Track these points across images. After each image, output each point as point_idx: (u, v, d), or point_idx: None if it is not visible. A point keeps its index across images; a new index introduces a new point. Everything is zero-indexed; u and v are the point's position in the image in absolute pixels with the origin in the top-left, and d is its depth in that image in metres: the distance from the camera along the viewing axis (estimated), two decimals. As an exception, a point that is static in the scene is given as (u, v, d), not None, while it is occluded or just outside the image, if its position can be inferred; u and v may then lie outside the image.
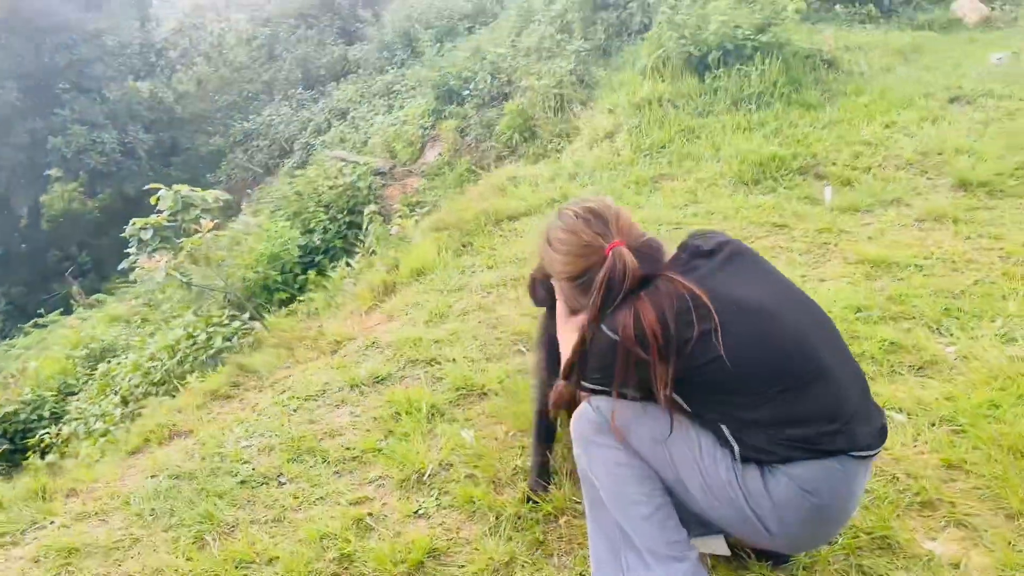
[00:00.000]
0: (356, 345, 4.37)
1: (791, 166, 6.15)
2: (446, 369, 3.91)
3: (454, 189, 9.85)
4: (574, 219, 2.24)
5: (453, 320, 4.45)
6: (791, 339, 2.14)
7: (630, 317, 2.11)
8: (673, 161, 6.67)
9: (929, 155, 6.23)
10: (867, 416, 2.18)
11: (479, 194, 6.71)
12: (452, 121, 10.82)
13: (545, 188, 6.62)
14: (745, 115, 7.19)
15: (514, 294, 4.64)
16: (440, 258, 5.28)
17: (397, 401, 3.65)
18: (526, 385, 3.66)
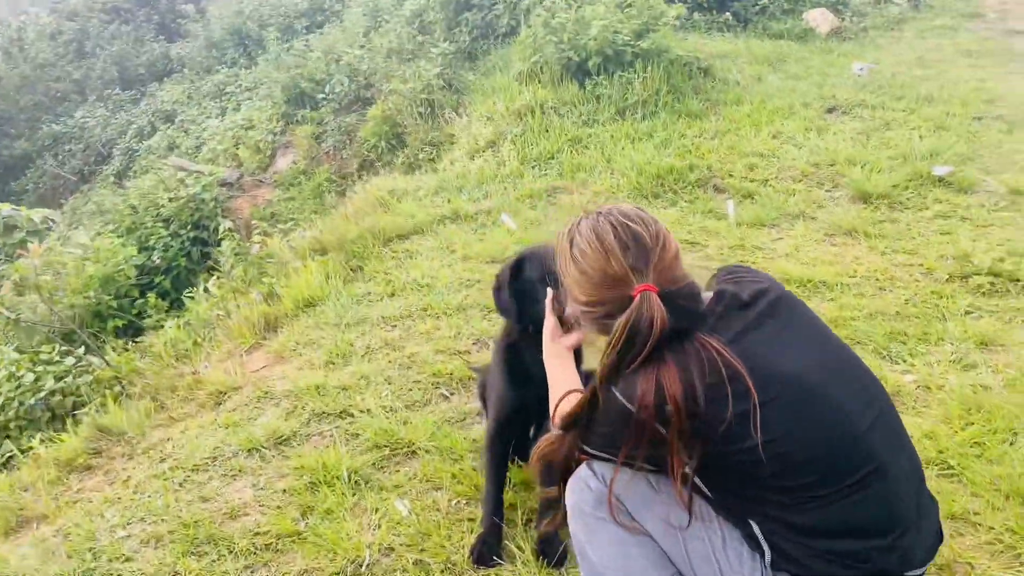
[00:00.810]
0: (244, 396, 3.76)
1: (689, 178, 5.97)
2: (361, 423, 3.39)
3: (314, 200, 9.20)
4: (611, 238, 1.82)
5: (358, 361, 3.92)
6: (843, 427, 1.77)
7: (651, 384, 1.72)
8: (564, 172, 6.36)
9: (821, 166, 6.23)
10: (922, 522, 1.84)
11: (357, 209, 6.15)
12: (307, 127, 10.11)
13: (432, 203, 6.15)
14: (632, 124, 6.99)
15: (423, 327, 4.16)
16: (329, 286, 4.71)
17: (309, 467, 3.10)
18: (459, 439, 3.21)
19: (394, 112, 8.71)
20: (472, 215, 5.71)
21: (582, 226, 1.90)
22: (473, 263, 4.89)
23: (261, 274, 5.88)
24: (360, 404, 3.53)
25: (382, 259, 5.12)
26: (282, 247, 6.14)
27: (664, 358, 1.74)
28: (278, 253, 6.05)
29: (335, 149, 9.78)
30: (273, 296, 4.91)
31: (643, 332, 1.74)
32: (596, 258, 1.82)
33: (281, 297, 4.75)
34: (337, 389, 3.65)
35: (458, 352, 3.92)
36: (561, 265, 1.92)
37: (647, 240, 1.80)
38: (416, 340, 4.06)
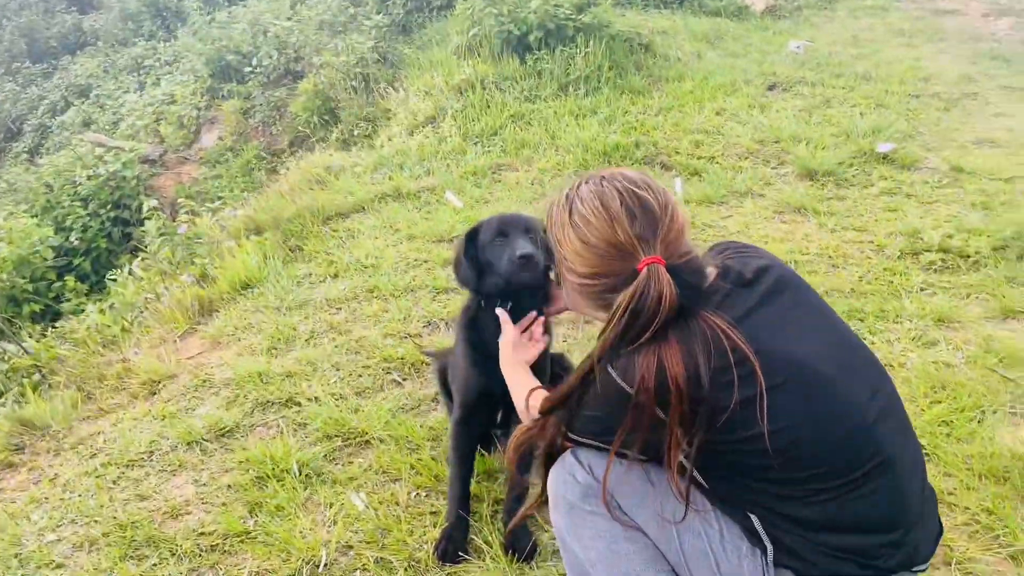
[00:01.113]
0: (180, 384, 3.53)
1: (635, 156, 5.89)
2: (309, 412, 3.20)
3: (243, 178, 8.85)
4: (618, 204, 1.66)
5: (302, 346, 3.72)
6: (852, 417, 1.65)
7: (652, 364, 1.58)
8: (508, 149, 6.21)
9: (766, 143, 6.22)
10: (926, 515, 1.75)
11: (293, 187, 5.91)
12: (234, 101, 9.72)
13: (371, 179, 5.94)
14: (575, 100, 6.88)
15: (370, 309, 3.98)
16: (267, 267, 4.48)
17: (255, 461, 2.91)
18: (415, 428, 3.06)
19: (327, 86, 8.42)
20: (415, 193, 5.53)
21: (583, 191, 1.73)
22: (419, 242, 4.72)
23: (191, 255, 5.61)
24: (307, 392, 3.34)
25: (322, 238, 4.90)
26: (212, 227, 5.87)
27: (667, 337, 1.60)
28: (208, 233, 5.78)
29: (264, 124, 9.43)
30: (206, 278, 4.67)
31: (649, 308, 1.60)
32: (600, 226, 1.67)
33: (215, 279, 4.51)
34: (281, 376, 3.46)
35: (408, 335, 3.76)
36: (557, 234, 1.75)
37: (656, 209, 1.66)
38: (363, 323, 3.88)
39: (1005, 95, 7.63)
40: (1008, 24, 10.89)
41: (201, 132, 10.00)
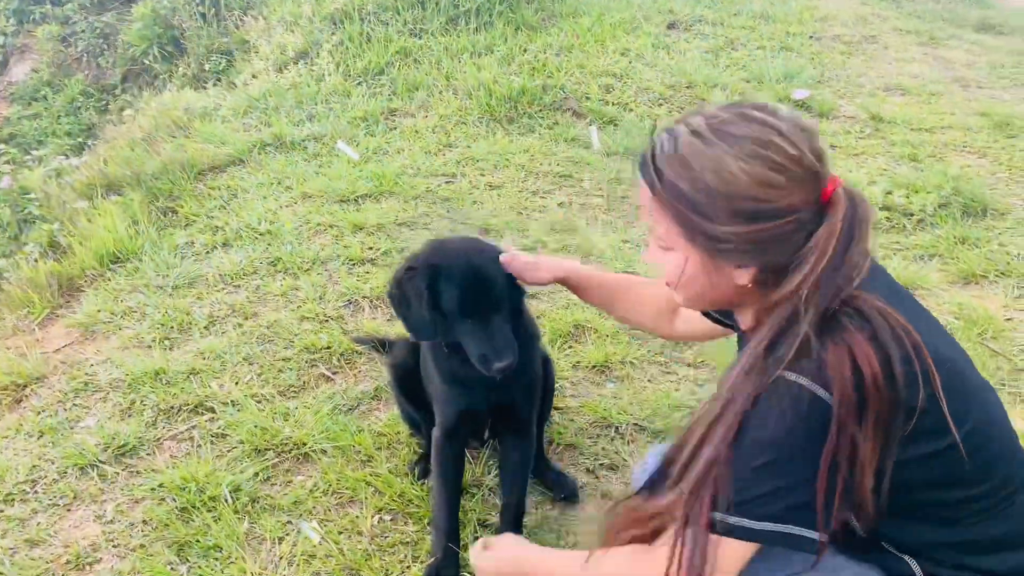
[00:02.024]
0: (55, 388, 3.02)
1: (544, 101, 5.61)
2: (227, 419, 2.80)
3: (68, 119, 7.97)
4: (792, 125, 1.38)
5: (201, 335, 3.28)
6: (1003, 422, 1.49)
7: (844, 360, 1.30)
8: (399, 92, 5.79)
9: (678, 88, 6.09)
10: None
11: (149, 134, 5.28)
12: (50, 27, 8.69)
13: (243, 125, 5.39)
14: (467, 36, 6.49)
15: (277, 287, 3.56)
16: (140, 236, 3.94)
17: (172, 487, 2.50)
18: (362, 434, 2.73)
19: (169, 12, 7.64)
20: (300, 142, 5.05)
21: (716, 119, 1.41)
22: (318, 202, 4.29)
23: (25, 215, 4.94)
24: (220, 394, 2.92)
25: (199, 198, 4.37)
26: (47, 181, 5.18)
27: (841, 323, 1.33)
28: (42, 188, 5.10)
29: (89, 55, 8.49)
30: (57, 248, 4.08)
31: (861, 247, 1.35)
32: (780, 146, 1.36)
33: (72, 249, 3.93)
34: (184, 374, 3.01)
35: (329, 318, 3.38)
36: (699, 172, 1.40)
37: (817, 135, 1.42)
38: (272, 304, 3.47)
39: (900, 38, 7.83)
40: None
41: (9, 63, 8.92)
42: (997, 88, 6.78)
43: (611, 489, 2.61)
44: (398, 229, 4.08)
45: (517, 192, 4.55)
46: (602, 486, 2.62)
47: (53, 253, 4.01)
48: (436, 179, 4.64)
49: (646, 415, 2.88)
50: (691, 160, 1.40)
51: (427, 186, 4.52)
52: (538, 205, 4.43)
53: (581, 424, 2.87)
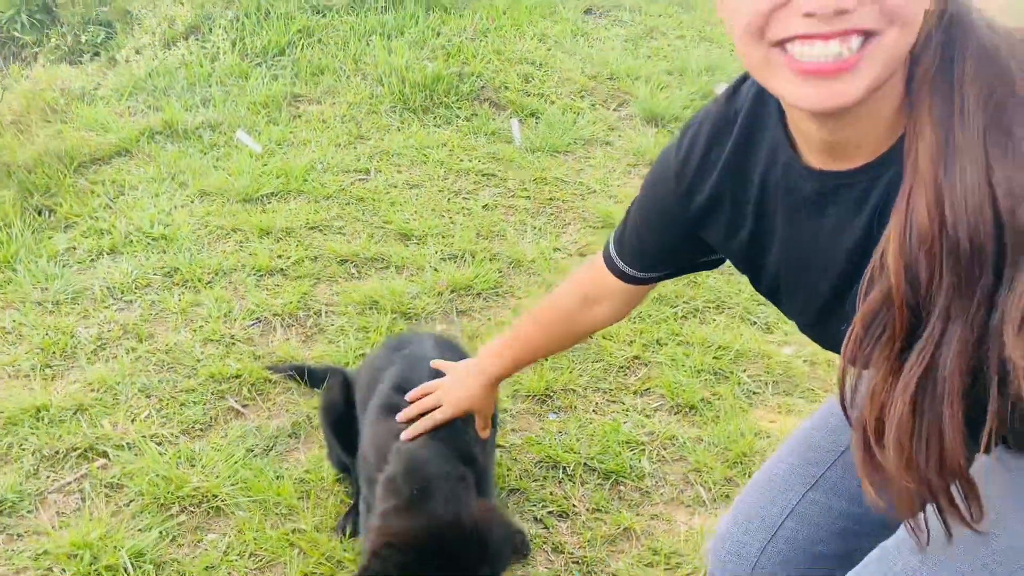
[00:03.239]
0: (-89, 430, 2.66)
1: (461, 90, 5.37)
2: (123, 466, 2.51)
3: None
4: None
5: (88, 361, 2.94)
6: None
7: None
8: (303, 75, 5.45)
9: (600, 79, 5.95)
10: None
11: (19, 117, 4.82)
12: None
13: (128, 109, 4.97)
14: (375, 16, 6.18)
15: (175, 302, 3.24)
16: (12, 240, 3.53)
17: (60, 554, 2.20)
18: (282, 482, 2.49)
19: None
20: (194, 130, 4.67)
21: None
22: (217, 202, 3.97)
23: None
24: (113, 435, 2.62)
25: (80, 196, 3.97)
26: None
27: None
28: None
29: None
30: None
31: None
32: None
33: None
34: (69, 411, 2.69)
35: (236, 340, 3.09)
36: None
37: None
38: (169, 324, 3.15)
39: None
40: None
41: None
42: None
43: (563, 541, 2.44)
44: (310, 234, 3.80)
45: (438, 192, 4.31)
46: (553, 537, 2.45)
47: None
48: (348, 176, 4.36)
49: (595, 453, 2.73)
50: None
51: (339, 184, 4.24)
52: (461, 207, 4.21)
53: (525, 465, 2.69)
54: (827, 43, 0.99)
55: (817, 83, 1.02)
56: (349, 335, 3.17)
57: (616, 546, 2.45)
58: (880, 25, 1.00)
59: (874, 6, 0.98)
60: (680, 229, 1.47)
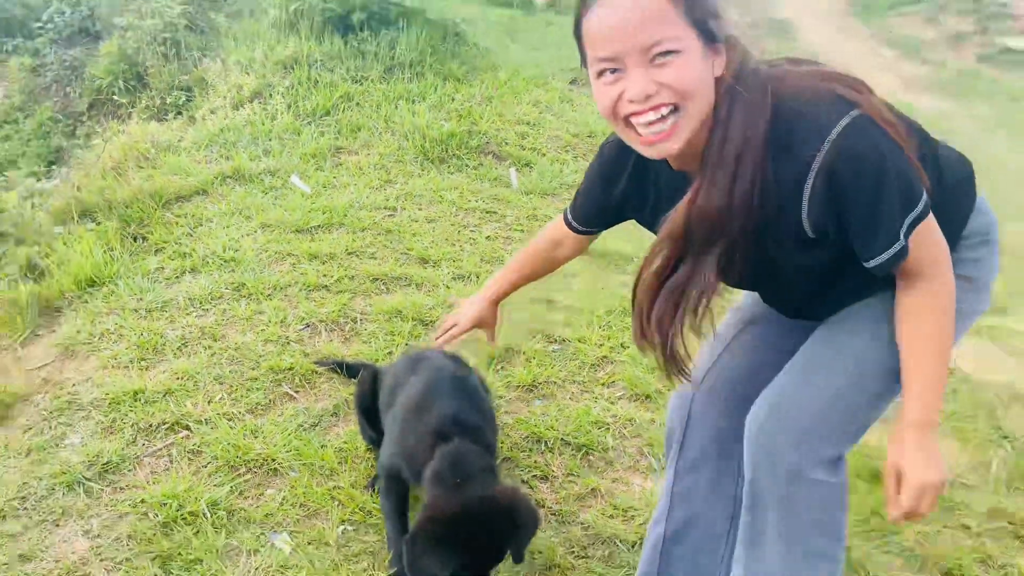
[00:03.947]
0: (39, 407, 2.80)
1: (470, 144, 5.54)
2: (201, 437, 2.65)
3: (38, 142, 7.47)
4: None
5: (173, 355, 3.09)
6: None
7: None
8: (343, 132, 5.62)
9: (581, 137, 6.13)
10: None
11: (118, 164, 4.98)
12: (23, 58, 8.14)
13: (205, 157, 5.14)
14: (402, 84, 6.36)
15: (242, 311, 3.39)
16: (115, 261, 3.70)
17: (154, 502, 2.35)
18: (326, 451, 2.62)
19: (133, 50, 7.25)
20: (257, 175, 4.84)
21: None
22: (276, 232, 4.12)
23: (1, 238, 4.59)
24: (193, 412, 2.76)
25: (167, 226, 4.14)
26: (23, 203, 4.83)
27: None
28: (16, 209, 4.74)
29: (58, 84, 7.99)
30: (35, 270, 3.80)
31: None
32: None
33: (51, 272, 3.67)
34: (160, 394, 2.83)
35: (290, 340, 3.24)
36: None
37: None
38: (238, 327, 3.30)
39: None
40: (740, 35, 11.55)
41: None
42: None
43: (543, 498, 2.58)
44: (348, 258, 3.95)
45: (450, 226, 4.47)
46: (535, 495, 2.58)
47: (31, 275, 3.73)
48: (379, 212, 4.51)
49: (570, 431, 2.86)
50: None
51: (372, 219, 4.39)
52: (468, 238, 4.36)
53: (515, 439, 2.82)
54: (646, 114, 1.38)
55: (653, 147, 1.42)
56: (379, 337, 3.31)
57: (585, 502, 2.58)
58: (678, 101, 1.36)
59: (669, 90, 1.35)
60: (606, 204, 1.83)
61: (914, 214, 1.40)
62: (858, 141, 1.36)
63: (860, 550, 2.41)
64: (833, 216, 1.43)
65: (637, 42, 1.33)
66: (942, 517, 2.55)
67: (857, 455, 2.75)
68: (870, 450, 2.79)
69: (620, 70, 1.37)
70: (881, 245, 1.41)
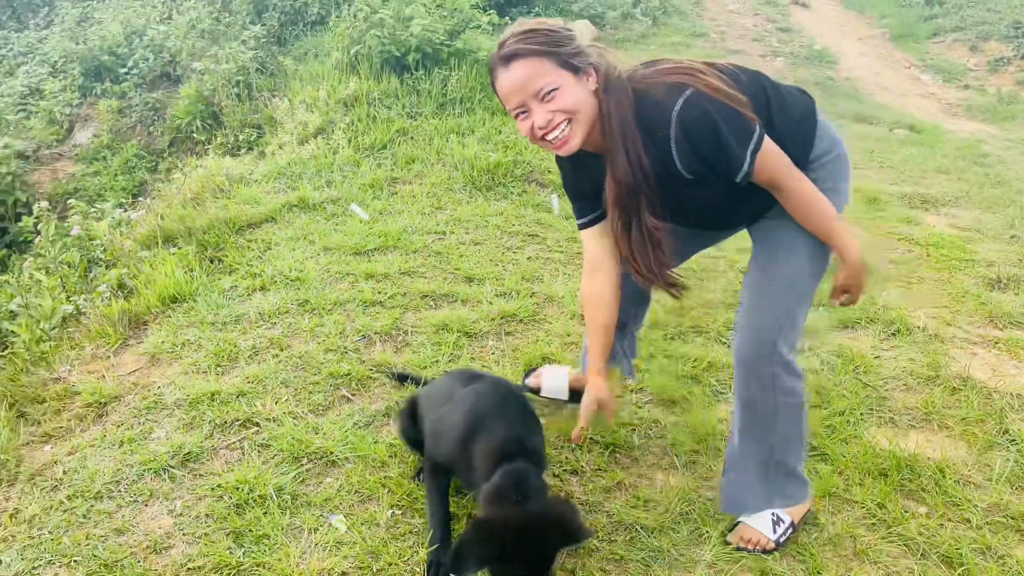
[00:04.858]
0: (130, 406, 3.11)
1: (515, 173, 5.80)
2: (270, 432, 2.91)
3: (124, 176, 8.01)
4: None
5: (246, 363, 3.38)
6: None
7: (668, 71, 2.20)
8: (399, 163, 5.95)
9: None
10: None
11: (197, 195, 5.38)
12: (111, 100, 8.74)
13: (273, 188, 5.51)
14: (453, 119, 6.68)
15: (306, 324, 3.68)
16: (194, 280, 4.03)
17: (229, 487, 2.61)
18: (379, 446, 2.85)
19: (209, 92, 7.75)
20: (320, 204, 5.18)
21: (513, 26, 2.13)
22: (336, 255, 4.42)
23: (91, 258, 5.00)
24: (263, 411, 3.03)
25: (240, 250, 4.48)
26: (111, 231, 5.24)
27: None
28: (106, 236, 5.15)
29: (142, 124, 8.56)
30: (125, 289, 4.16)
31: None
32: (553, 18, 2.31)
33: (139, 291, 4.02)
34: (234, 395, 3.12)
35: (348, 350, 3.50)
36: (539, 35, 2.04)
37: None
38: (302, 338, 3.58)
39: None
40: (783, 64, 11.66)
41: (74, 129, 8.94)
42: (869, 169, 7.10)
43: (573, 490, 2.76)
44: (401, 277, 4.21)
45: (495, 248, 4.71)
46: (565, 487, 2.77)
47: (121, 293, 4.08)
48: (430, 236, 4.78)
49: (599, 431, 3.04)
50: (530, 26, 2.00)
51: (423, 242, 4.66)
52: (511, 259, 4.59)
53: (548, 438, 3.01)
54: (552, 131, 2.00)
55: (561, 150, 2.06)
56: (427, 347, 3.55)
57: (611, 494, 2.75)
58: (569, 115, 1.99)
59: (560, 112, 1.98)
60: (579, 189, 2.35)
61: (752, 144, 1.99)
62: (692, 111, 1.95)
63: (864, 540, 2.53)
64: (699, 162, 2.02)
65: (529, 92, 1.97)
66: (945, 511, 2.65)
67: (867, 454, 2.88)
68: (880, 450, 2.92)
69: (527, 111, 2.01)
70: (736, 169, 2.01)
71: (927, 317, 4.06)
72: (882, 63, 12.51)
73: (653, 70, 2.05)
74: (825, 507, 2.68)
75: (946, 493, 2.73)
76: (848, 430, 3.05)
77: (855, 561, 2.46)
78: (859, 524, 2.61)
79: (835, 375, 3.46)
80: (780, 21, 14.42)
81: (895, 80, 11.57)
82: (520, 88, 1.96)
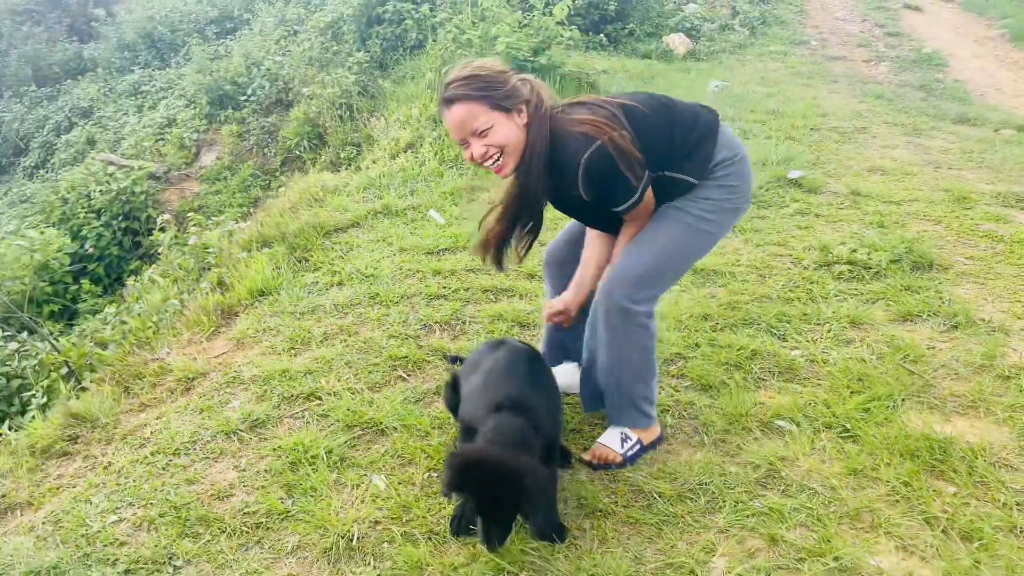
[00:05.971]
0: (213, 381, 3.50)
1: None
2: (329, 405, 3.21)
3: (240, 194, 8.73)
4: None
5: (317, 346, 3.72)
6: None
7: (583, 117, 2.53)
8: (479, 173, 6.24)
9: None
10: None
11: (294, 204, 5.85)
12: (231, 126, 9.56)
13: (363, 198, 5.91)
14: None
15: (373, 314, 3.98)
16: (280, 276, 4.44)
17: (287, 448, 2.91)
18: (424, 418, 3.09)
19: (316, 115, 8.35)
20: (402, 210, 5.53)
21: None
22: (410, 255, 4.73)
23: (201, 263, 5.53)
24: (326, 387, 3.34)
25: (325, 251, 4.87)
26: (221, 239, 5.78)
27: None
28: (217, 244, 5.69)
29: (258, 146, 9.30)
30: (222, 285, 4.61)
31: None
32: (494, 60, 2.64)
33: (231, 286, 4.45)
34: (302, 373, 3.45)
35: (409, 336, 3.77)
36: (478, 80, 2.41)
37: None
38: (368, 326, 3.89)
39: (888, 129, 7.93)
40: (887, 69, 11.28)
41: (201, 152, 9.81)
42: (964, 169, 6.82)
43: (600, 461, 2.89)
44: (466, 274, 4.47)
45: (560, 248, 4.88)
46: (594, 459, 2.91)
47: (220, 289, 4.53)
48: (500, 238, 5.01)
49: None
50: (469, 71, 2.38)
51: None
52: (575, 258, 4.76)
53: (586, 417, 3.17)
54: (487, 161, 2.44)
55: (499, 175, 2.49)
56: (481, 335, 3.78)
57: (637, 466, 2.88)
58: (501, 149, 2.39)
59: (493, 146, 2.39)
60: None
61: (629, 203, 2.48)
62: (596, 164, 2.34)
63: (883, 514, 2.54)
64: (594, 196, 2.45)
65: (467, 131, 2.38)
66: (974, 491, 2.62)
67: (899, 436, 2.88)
68: (912, 431, 2.91)
69: (467, 144, 2.42)
70: (619, 210, 2.52)
71: (994, 310, 3.93)
72: (998, 64, 11.88)
73: (571, 118, 2.39)
74: (848, 483, 2.70)
75: (978, 474, 2.70)
76: (884, 414, 3.04)
77: (870, 533, 2.48)
78: (880, 500, 2.62)
79: (882, 363, 3.43)
80: (889, 26, 13.94)
81: (1010, 81, 10.97)
82: (459, 127, 2.38)
